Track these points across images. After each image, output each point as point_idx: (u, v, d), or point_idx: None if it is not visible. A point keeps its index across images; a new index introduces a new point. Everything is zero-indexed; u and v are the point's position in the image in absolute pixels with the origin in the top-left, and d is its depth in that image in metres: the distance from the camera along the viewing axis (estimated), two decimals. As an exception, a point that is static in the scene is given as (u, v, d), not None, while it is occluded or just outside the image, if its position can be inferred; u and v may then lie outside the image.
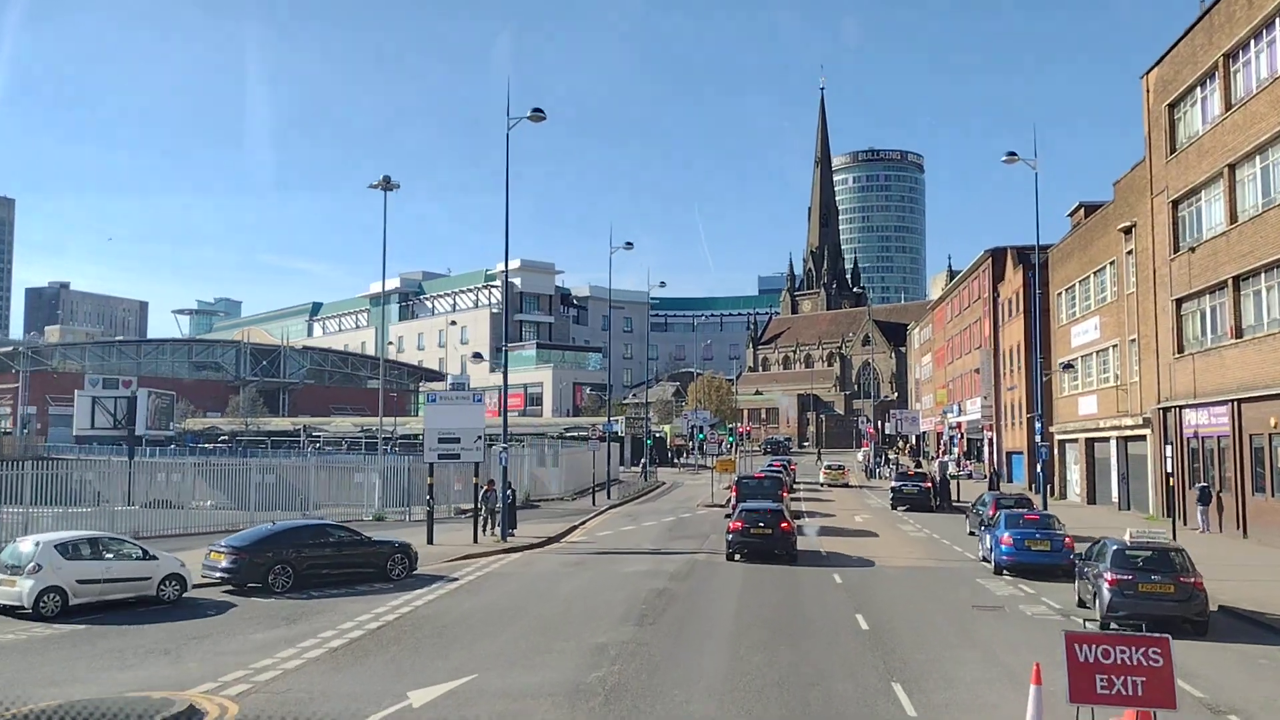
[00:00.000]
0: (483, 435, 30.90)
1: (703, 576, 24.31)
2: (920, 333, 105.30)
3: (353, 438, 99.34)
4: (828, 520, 40.64)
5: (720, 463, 55.39)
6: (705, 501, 48.31)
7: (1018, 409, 61.81)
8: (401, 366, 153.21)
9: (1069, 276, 50.36)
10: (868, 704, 13.06)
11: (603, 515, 43.15)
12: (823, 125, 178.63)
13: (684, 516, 42.05)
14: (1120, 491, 43.69)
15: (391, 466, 45.26)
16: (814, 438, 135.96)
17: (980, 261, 70.59)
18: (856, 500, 53.19)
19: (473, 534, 30.91)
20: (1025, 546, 23.90)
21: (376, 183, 53.88)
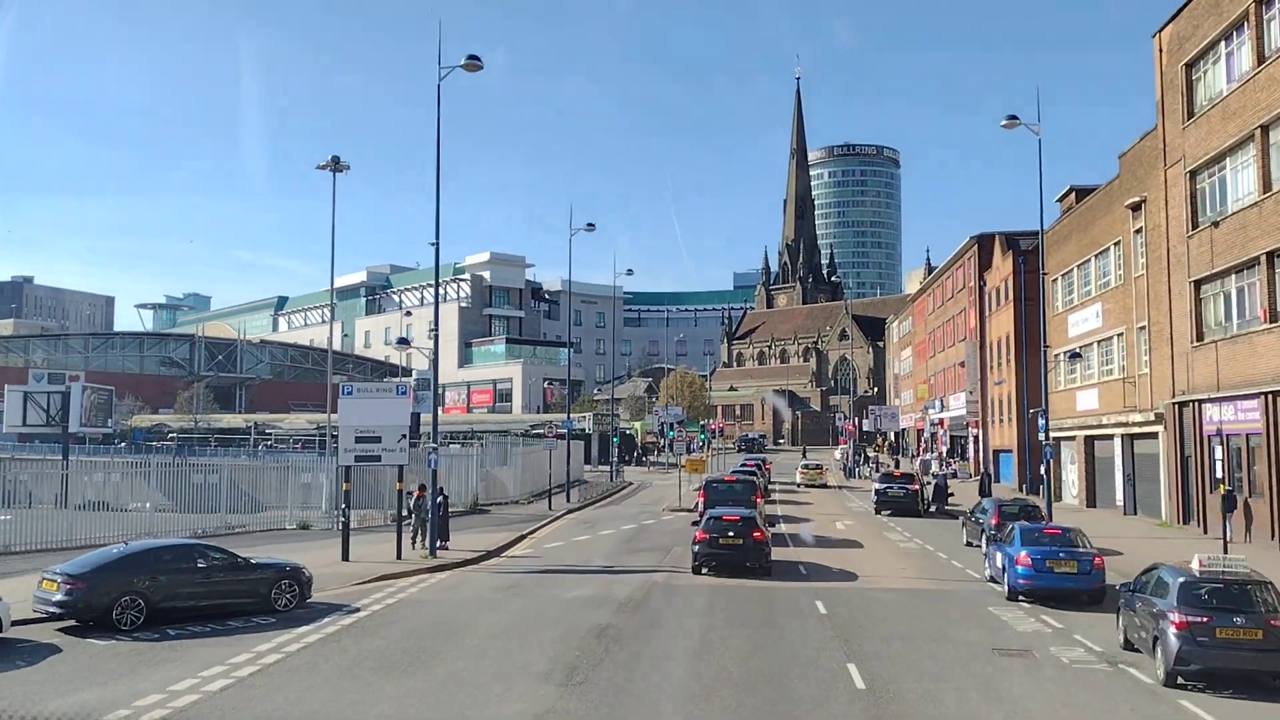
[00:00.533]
0: (407, 434, 26.56)
1: (658, 606, 20.11)
2: (899, 326, 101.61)
3: (307, 435, 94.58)
4: (806, 526, 36.60)
5: (690, 462, 51.29)
6: (672, 505, 44.18)
7: (1006, 404, 58.02)
8: (364, 361, 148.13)
9: (1066, 261, 46.53)
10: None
11: (557, 522, 38.91)
12: (798, 116, 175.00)
13: (647, 523, 37.89)
14: (1126, 494, 39.89)
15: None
16: (790, 435, 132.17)
17: (965, 249, 66.80)
18: (836, 503, 49.19)
19: (396, 548, 26.58)
20: (1047, 568, 19.85)
21: (325, 163, 50.06)
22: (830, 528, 36.29)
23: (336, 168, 50.20)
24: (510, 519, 38.98)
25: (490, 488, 47.62)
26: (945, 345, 74.66)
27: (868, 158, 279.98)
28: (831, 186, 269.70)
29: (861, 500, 49.87)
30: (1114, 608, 19.52)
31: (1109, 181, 41.24)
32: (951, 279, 72.46)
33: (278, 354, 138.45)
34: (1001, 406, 59.23)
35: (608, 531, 34.90)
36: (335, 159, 49.54)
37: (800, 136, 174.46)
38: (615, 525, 37.06)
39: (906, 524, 37.56)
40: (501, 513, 41.79)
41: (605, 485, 58.73)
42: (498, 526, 35.91)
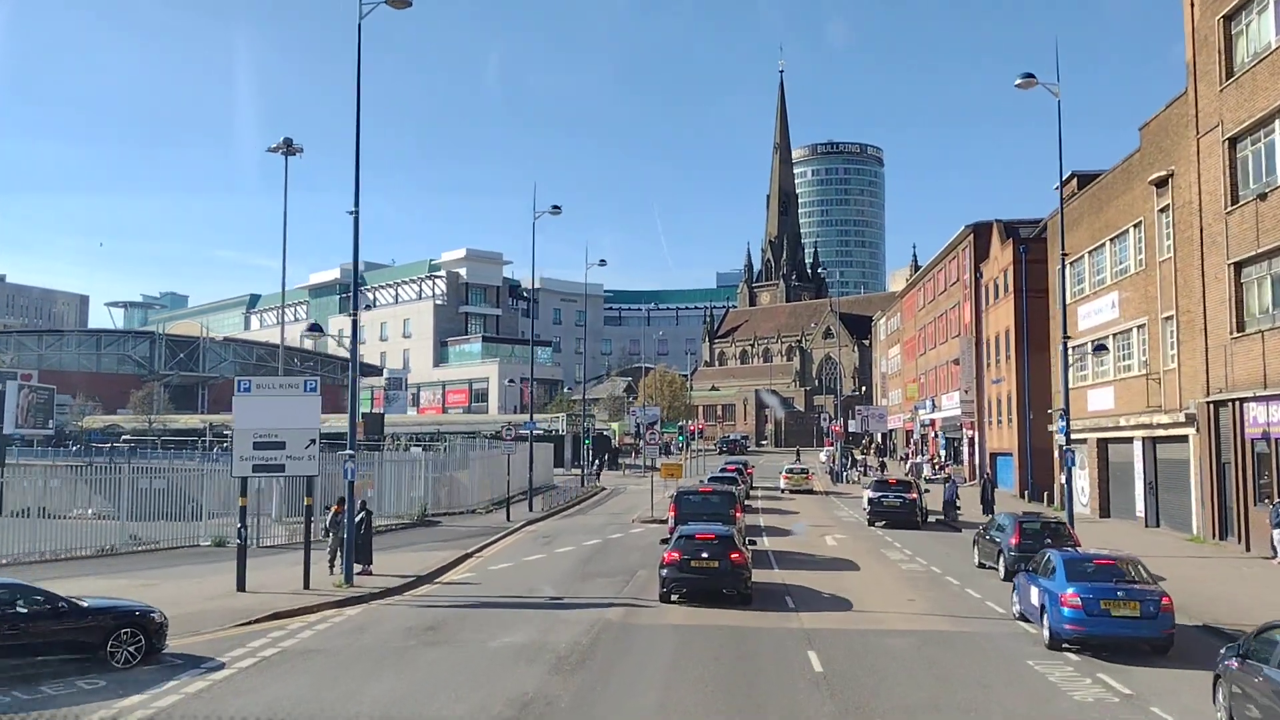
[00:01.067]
0: (317, 439, 22.17)
1: (607, 659, 15.81)
2: (887, 323, 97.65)
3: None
4: (793, 540, 32.41)
5: (666, 467, 47.05)
6: (643, 516, 39.90)
7: (1005, 404, 54.04)
8: (334, 360, 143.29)
9: (1075, 247, 42.46)
10: None
11: (513, 536, 34.57)
12: (782, 109, 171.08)
13: (613, 538, 33.59)
14: (1148, 504, 35.86)
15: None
16: (773, 436, 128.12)
17: (959, 239, 62.79)
18: (824, 511, 45.02)
19: (304, 575, 22.19)
20: (1101, 611, 15.64)
21: (276, 145, 45.88)
22: (819, 543, 32.09)
23: (289, 151, 46.30)
24: (460, 533, 34.63)
25: (448, 495, 43.30)
26: (937, 342, 70.67)
27: (851, 155, 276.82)
28: (815, 185, 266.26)
29: (851, 508, 45.74)
30: (1187, 659, 15.41)
31: (1127, 157, 37.21)
32: (944, 272, 68.47)
33: (243, 352, 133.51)
34: (1000, 406, 55.24)
35: (566, 548, 30.58)
36: (287, 141, 45.68)
37: (784, 131, 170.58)
38: (577, 540, 32.75)
39: (905, 539, 33.38)
40: (453, 525, 37.43)
41: (575, 491, 54.49)
42: (443, 543, 31.56)
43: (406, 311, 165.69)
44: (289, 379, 22.53)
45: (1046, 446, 47.94)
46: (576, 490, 54.98)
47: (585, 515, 43.61)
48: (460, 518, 40.20)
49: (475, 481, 45.02)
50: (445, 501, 42.96)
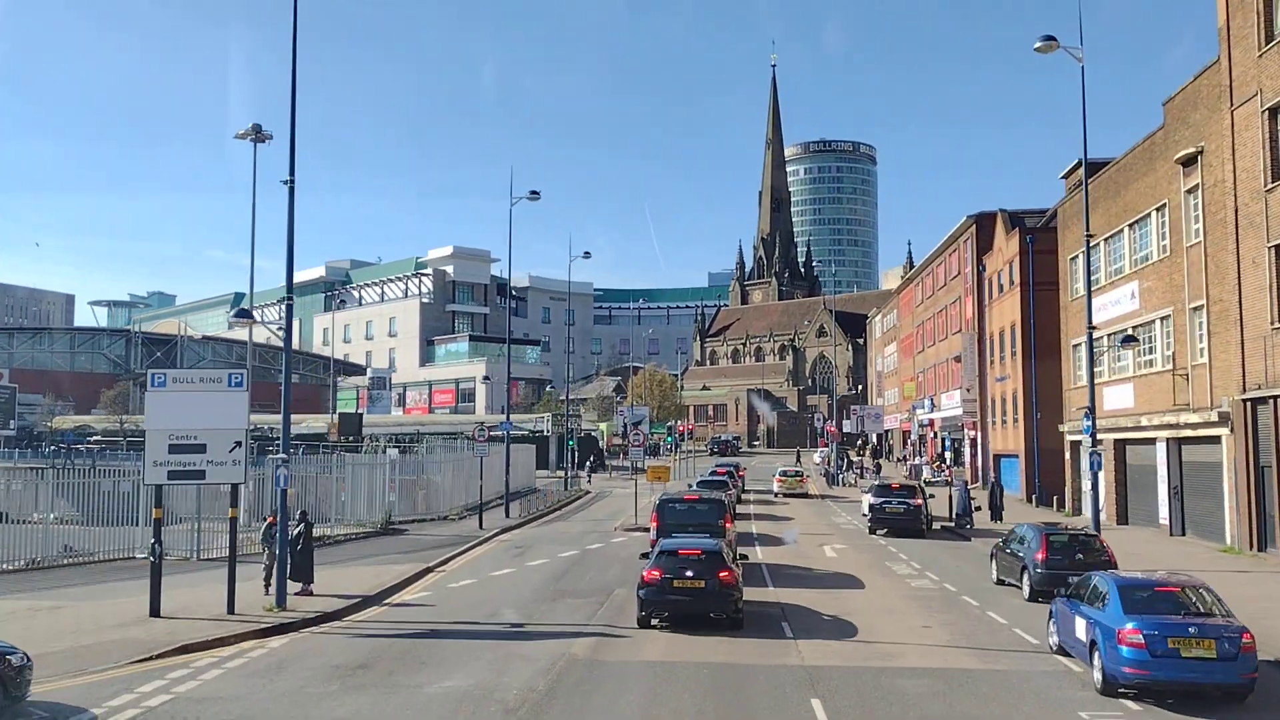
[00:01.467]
0: (245, 440, 19.28)
1: (564, 715, 12.93)
2: (883, 320, 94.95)
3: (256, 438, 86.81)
4: (788, 551, 29.62)
5: (652, 470, 44.23)
6: (626, 523, 37.06)
7: (1010, 403, 51.32)
8: (317, 359, 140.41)
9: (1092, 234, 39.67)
10: None
11: (483, 546, 31.68)
12: (774, 105, 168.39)
13: (592, 548, 30.74)
14: (1173, 511, 33.10)
15: (264, 474, 34.97)
16: (765, 436, 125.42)
17: (960, 230, 60.07)
18: (820, 516, 42.24)
19: (228, 598, 19.29)
20: (1170, 651, 12.81)
21: (244, 131, 43.03)
22: (817, 554, 29.27)
23: (257, 137, 43.48)
24: (426, 542, 31.75)
25: (420, 501, 40.46)
26: (936, 339, 67.95)
27: (844, 154, 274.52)
28: (807, 183, 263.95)
29: (849, 514, 42.97)
30: (1271, 706, 12.59)
31: (1149, 135, 34.44)
32: (944, 265, 65.74)
33: (222, 351, 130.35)
34: (1004, 405, 52.50)
35: (539, 561, 27.71)
36: (256, 128, 42.81)
37: (776, 126, 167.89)
38: (552, 551, 29.88)
39: (910, 549, 30.58)
40: (420, 533, 34.54)
41: (557, 495, 51.60)
42: (404, 554, 28.70)
43: (392, 310, 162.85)
44: (212, 372, 19.62)
45: (1056, 447, 45.25)
46: (559, 494, 52.11)
47: (565, 522, 40.75)
48: (430, 525, 37.30)
49: (449, 486, 42.13)
50: (419, 507, 40.13)
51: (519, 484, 54.13)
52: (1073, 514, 41.96)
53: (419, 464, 43.17)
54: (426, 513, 39.80)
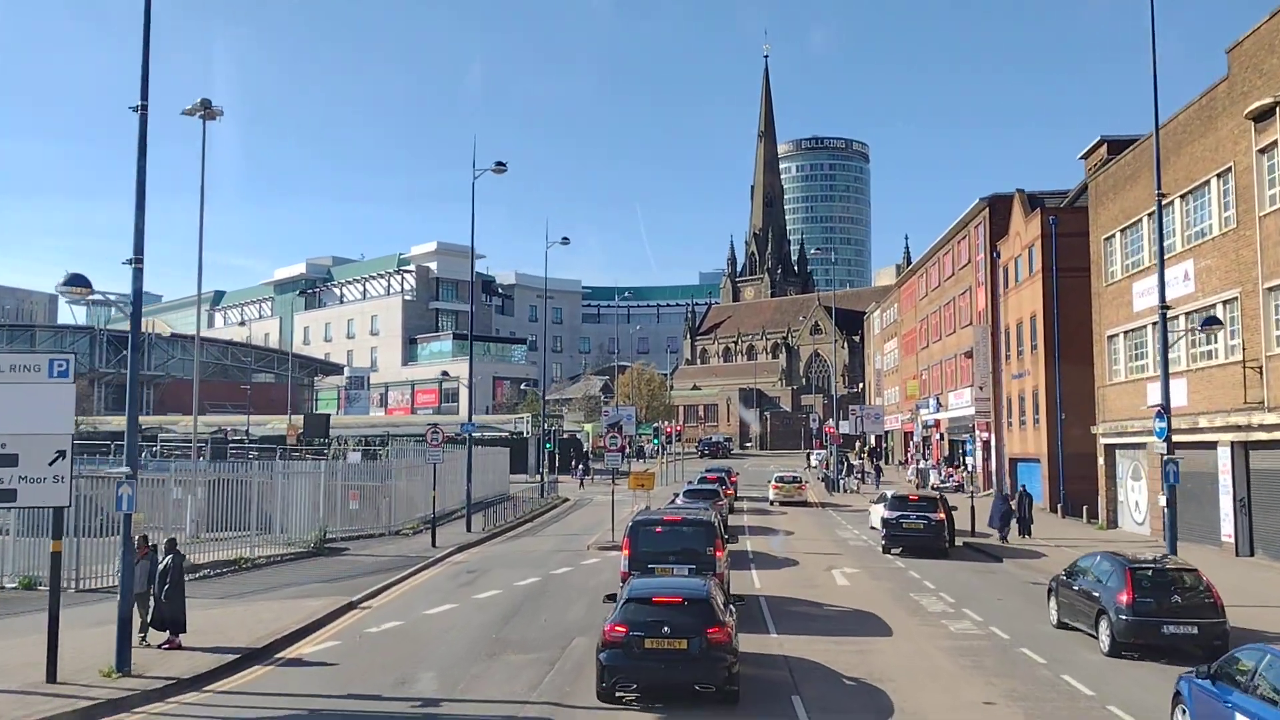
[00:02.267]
0: (69, 450, 14.34)
1: None
2: (882, 315, 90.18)
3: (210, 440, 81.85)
4: (790, 577, 24.81)
5: (635, 477, 39.51)
6: (600, 541, 32.16)
7: (1029, 402, 46.56)
8: (294, 358, 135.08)
9: (1128, 211, 35.01)
10: None
11: (429, 571, 26.76)
12: (766, 96, 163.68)
13: (558, 573, 25.84)
14: (1239, 527, 28.30)
15: (222, 479, 30.29)
16: (758, 438, 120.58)
17: (972, 215, 55.29)
18: (823, 530, 37.43)
19: (48, 664, 14.34)
20: None
21: (192, 107, 38.74)
22: (826, 581, 24.44)
23: (206, 113, 38.99)
24: (361, 566, 26.85)
25: (377, 512, 35.58)
26: (943, 333, 63.19)
27: (837, 151, 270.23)
28: (799, 181, 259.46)
29: (855, 526, 38.21)
30: None
31: (1209, 89, 29.64)
32: (951, 254, 60.98)
33: (191, 349, 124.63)
34: (1023, 405, 47.75)
35: (489, 593, 22.79)
36: (205, 102, 38.49)
37: (769, 118, 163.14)
38: (509, 578, 24.97)
39: (936, 574, 25.76)
40: (360, 554, 29.62)
41: (533, 503, 46.77)
42: (329, 582, 23.81)
43: (374, 308, 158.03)
44: (26, 357, 14.64)
45: (1086, 451, 40.54)
46: (533, 503, 47.27)
47: (534, 537, 35.83)
48: (376, 543, 32.37)
49: (407, 495, 37.19)
50: (373, 519, 35.28)
51: (491, 491, 49.36)
52: (1106, 527, 37.23)
53: (374, 470, 38.25)
54: (375, 527, 34.89)
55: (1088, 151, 51.06)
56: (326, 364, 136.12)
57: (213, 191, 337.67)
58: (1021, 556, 29.00)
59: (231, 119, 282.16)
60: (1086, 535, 35.46)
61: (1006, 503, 33.59)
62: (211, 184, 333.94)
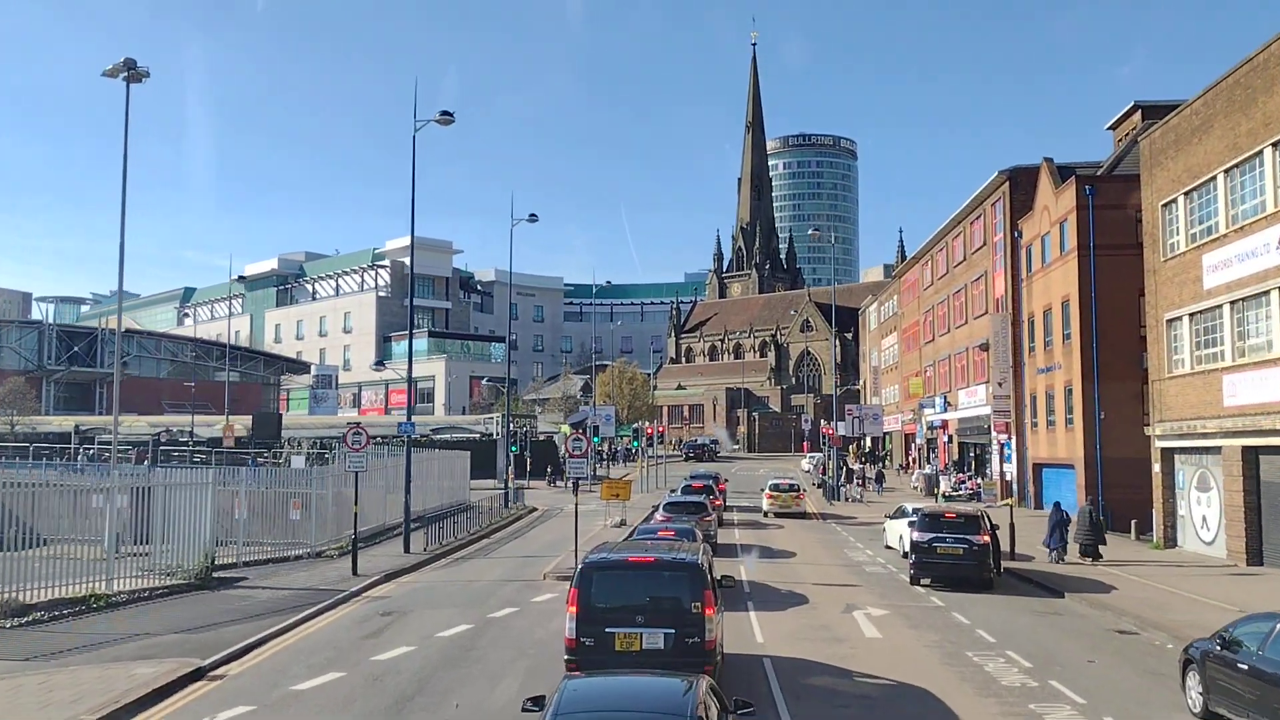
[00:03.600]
0: None
1: None
2: (880, 309, 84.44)
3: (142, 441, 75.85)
4: (802, 624, 18.93)
5: (609, 485, 33.64)
6: (560, 568, 26.09)
7: (1060, 400, 40.88)
8: (258, 356, 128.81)
9: (1196, 168, 29.25)
10: None
11: (332, 613, 20.70)
12: (754, 85, 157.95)
13: (499, 616, 19.83)
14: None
15: (142, 487, 24.26)
16: (745, 439, 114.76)
17: (989, 190, 49.55)
18: (829, 549, 31.57)
19: None
20: None
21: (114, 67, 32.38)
22: (849, 631, 18.51)
23: (131, 75, 32.75)
24: (249, 606, 20.82)
25: (284, 530, 29.59)
26: (952, 325, 57.45)
27: (824, 148, 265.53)
28: (787, 177, 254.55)
29: (865, 543, 32.45)
30: None
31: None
32: (963, 236, 55.23)
33: (149, 346, 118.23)
34: (1050, 403, 42.07)
35: (398, 651, 16.75)
36: (129, 62, 32.25)
37: (756, 108, 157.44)
38: (432, 625, 18.96)
39: (987, 616, 19.92)
40: (257, 586, 23.58)
41: (493, 515, 40.84)
42: (189, 633, 17.83)
43: (348, 304, 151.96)
44: None
45: (1131, 456, 34.99)
46: (494, 513, 41.30)
47: (485, 559, 29.82)
48: (286, 569, 26.34)
49: (330, 509, 31.08)
50: (291, 535, 29.32)
51: (448, 500, 43.39)
52: (1163, 545, 31.49)
53: (295, 477, 32.13)
54: (291, 547, 28.86)
55: (1118, 120, 45.60)
56: (293, 362, 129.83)
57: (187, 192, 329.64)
58: (1084, 589, 23.19)
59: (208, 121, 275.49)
60: (1142, 556, 29.76)
61: (1063, 515, 27.99)
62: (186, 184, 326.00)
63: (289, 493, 30.54)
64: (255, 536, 29.40)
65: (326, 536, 30.29)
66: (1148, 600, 21.47)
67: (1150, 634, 18.47)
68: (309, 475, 31.50)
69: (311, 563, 27.62)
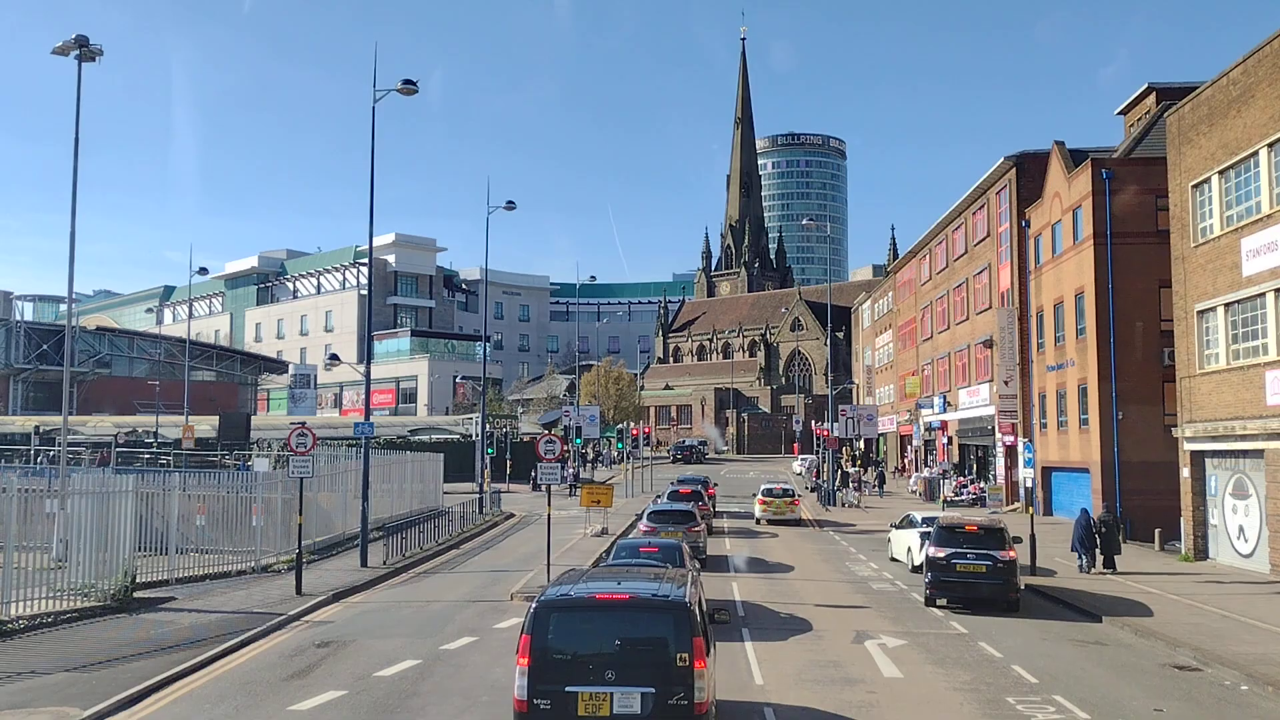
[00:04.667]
0: None
1: None
2: (874, 306, 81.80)
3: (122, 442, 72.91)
4: (803, 654, 16.19)
5: (589, 492, 31.14)
6: (530, 587, 23.15)
7: (1072, 399, 38.27)
8: (234, 355, 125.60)
9: (1234, 144, 26.60)
10: None
11: (262, 644, 17.78)
12: (744, 80, 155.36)
13: (450, 649, 16.97)
14: None
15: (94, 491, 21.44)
16: (734, 441, 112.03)
17: (993, 178, 46.91)
18: (830, 562, 28.82)
19: None
20: None
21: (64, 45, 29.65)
22: (863, 670, 15.71)
23: (82, 53, 29.96)
24: (166, 634, 17.94)
25: (229, 538, 26.71)
26: (952, 321, 54.79)
27: (813, 148, 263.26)
28: (775, 177, 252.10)
29: (870, 556, 29.76)
30: None
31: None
32: (964, 228, 52.59)
33: (120, 344, 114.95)
34: (1061, 403, 39.46)
35: (325, 698, 13.85)
36: (80, 39, 29.45)
37: (745, 102, 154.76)
38: (373, 661, 16.10)
39: (1020, 647, 17.21)
40: (187, 606, 20.71)
41: (466, 521, 37.99)
42: (85, 671, 15.01)
43: (329, 303, 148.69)
44: None
45: (1153, 459, 32.52)
46: (468, 520, 38.43)
47: (450, 574, 26.93)
48: (220, 587, 23.41)
49: (280, 518, 28.18)
50: (256, 543, 26.46)
51: (419, 505, 40.49)
52: (1193, 557, 28.84)
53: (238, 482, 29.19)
54: (236, 561, 25.93)
55: (1129, 105, 43.20)
56: (271, 361, 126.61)
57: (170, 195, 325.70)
58: (1121, 610, 20.50)
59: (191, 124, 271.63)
60: (1171, 569, 27.13)
61: (1089, 521, 25.61)
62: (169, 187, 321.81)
63: (251, 498, 27.71)
64: (216, 544, 26.72)
65: (283, 546, 27.42)
66: (1199, 626, 18.77)
67: (1215, 670, 15.76)
68: (253, 480, 28.48)
69: (255, 579, 24.74)
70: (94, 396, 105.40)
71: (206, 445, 69.48)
